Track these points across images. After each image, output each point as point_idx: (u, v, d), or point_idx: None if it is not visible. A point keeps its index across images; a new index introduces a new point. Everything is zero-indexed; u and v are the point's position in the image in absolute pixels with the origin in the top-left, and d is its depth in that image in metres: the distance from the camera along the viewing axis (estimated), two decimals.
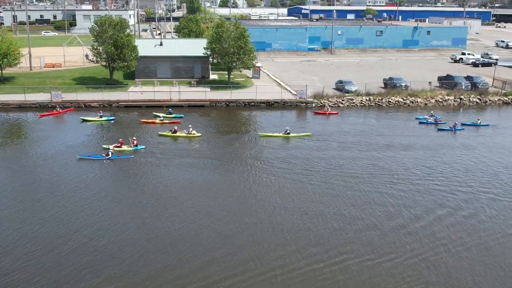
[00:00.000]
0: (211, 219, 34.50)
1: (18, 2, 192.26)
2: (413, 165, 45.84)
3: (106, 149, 47.98)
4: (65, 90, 70.51)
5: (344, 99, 70.27)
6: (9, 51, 74.40)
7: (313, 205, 36.95)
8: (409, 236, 32.50)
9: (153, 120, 59.86)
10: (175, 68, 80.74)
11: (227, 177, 42.76)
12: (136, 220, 34.31)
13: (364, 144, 51.97)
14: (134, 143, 49.35)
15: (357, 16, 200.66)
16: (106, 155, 46.42)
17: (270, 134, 54.75)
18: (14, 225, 33.55)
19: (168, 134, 54.05)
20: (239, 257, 29.76)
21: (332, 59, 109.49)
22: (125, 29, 75.94)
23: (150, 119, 60.45)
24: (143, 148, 49.33)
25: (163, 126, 57.35)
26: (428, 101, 71.38)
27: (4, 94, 69.29)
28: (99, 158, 46.28)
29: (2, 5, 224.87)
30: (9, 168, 44.62)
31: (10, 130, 57.95)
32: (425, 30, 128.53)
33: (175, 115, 61.64)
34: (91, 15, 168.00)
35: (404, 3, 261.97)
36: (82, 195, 38.46)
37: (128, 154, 47.76)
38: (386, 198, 38.27)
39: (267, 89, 72.53)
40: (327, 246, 31.20)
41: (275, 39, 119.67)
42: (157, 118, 60.37)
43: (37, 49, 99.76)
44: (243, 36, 74.25)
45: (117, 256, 29.74)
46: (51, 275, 27.72)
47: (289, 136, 54.07)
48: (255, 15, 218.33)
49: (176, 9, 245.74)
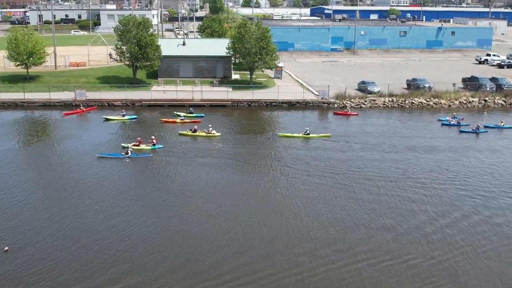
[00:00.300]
0: (235, 220, 34.62)
1: (44, 2, 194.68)
2: (436, 168, 45.40)
3: (125, 147, 48.45)
4: (89, 89, 71.37)
5: (366, 100, 69.87)
6: (35, 50, 75.47)
7: (335, 206, 36.82)
8: (433, 240, 32.23)
9: (174, 120, 60.23)
10: (198, 68, 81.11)
11: (248, 177, 42.87)
12: (162, 220, 34.55)
13: (384, 146, 51.63)
14: (153, 142, 49.72)
15: (380, 17, 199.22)
16: (125, 154, 46.84)
17: (290, 135, 54.70)
18: (40, 222, 34.10)
19: (188, 133, 54.35)
20: (264, 258, 29.85)
21: (354, 59, 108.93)
22: (148, 29, 76.53)
23: (171, 118, 60.84)
24: (161, 147, 49.67)
25: (183, 126, 57.68)
26: (452, 102, 70.58)
27: (29, 93, 70.41)
28: (118, 157, 46.73)
29: (28, 5, 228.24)
30: (36, 165, 45.33)
31: (36, 128, 58.89)
32: (450, 31, 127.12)
33: (196, 115, 61.95)
34: (115, 15, 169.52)
35: (428, 4, 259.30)
36: (107, 193, 38.90)
37: (147, 153, 48.14)
38: (408, 202, 37.97)
39: (289, 90, 72.47)
40: (349, 247, 31.10)
41: (298, 39, 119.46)
42: (177, 118, 60.74)
43: (62, 48, 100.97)
44: (266, 36, 74.27)
45: (142, 255, 30.07)
46: (75, 270, 28.14)
47: (308, 137, 53.96)
48: (278, 15, 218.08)
49: (199, 9, 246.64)
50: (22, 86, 72.45)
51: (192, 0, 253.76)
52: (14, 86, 73.51)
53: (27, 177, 42.22)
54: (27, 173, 43.15)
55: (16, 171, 43.41)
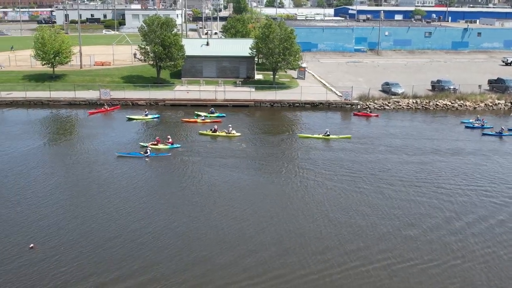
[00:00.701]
0: (260, 221, 34.69)
1: (70, 2, 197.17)
2: (460, 172, 44.84)
3: (144, 147, 48.85)
4: (114, 88, 72.11)
5: (390, 101, 69.33)
6: (61, 49, 76.52)
7: (358, 209, 36.65)
8: (462, 244, 31.89)
9: (195, 119, 60.51)
10: (221, 68, 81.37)
11: (269, 178, 42.83)
12: (185, 219, 34.75)
13: (406, 148, 51.08)
14: (170, 142, 50.08)
15: (405, 17, 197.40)
16: (144, 153, 47.24)
17: (309, 136, 54.54)
18: (66, 220, 34.59)
19: (208, 133, 54.60)
20: (286, 259, 29.86)
21: (378, 60, 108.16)
22: (172, 29, 76.99)
23: (192, 118, 61.12)
24: (179, 146, 49.91)
25: (204, 125, 57.93)
26: (477, 105, 69.61)
27: (55, 91, 71.44)
28: (137, 156, 47.13)
29: (55, 4, 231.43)
30: (62, 164, 45.94)
31: (63, 126, 59.80)
32: (476, 32, 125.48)
33: (217, 115, 62.17)
34: (140, 15, 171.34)
35: (454, 4, 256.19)
36: (131, 192, 39.27)
37: (165, 152, 48.44)
38: (431, 207, 37.61)
39: (312, 90, 72.28)
40: (372, 250, 30.95)
41: (321, 39, 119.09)
42: (198, 117, 61.00)
43: (87, 47, 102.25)
44: (290, 37, 74.14)
45: (167, 254, 30.32)
46: (100, 268, 28.48)
47: (328, 138, 53.74)
48: (302, 15, 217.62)
49: (222, 9, 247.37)
50: (48, 85, 73.54)
51: (216, 0, 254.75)
52: (41, 84, 74.67)
53: (54, 175, 42.80)
54: (54, 171, 43.76)
55: (44, 169, 44.07)
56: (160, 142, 50.08)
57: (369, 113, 64.92)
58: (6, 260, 29.17)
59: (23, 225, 33.43)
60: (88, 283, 27.19)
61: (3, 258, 29.39)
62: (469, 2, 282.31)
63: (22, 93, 70.57)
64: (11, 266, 28.56)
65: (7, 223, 33.66)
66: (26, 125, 58.54)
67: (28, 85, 74.27)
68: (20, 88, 72.46)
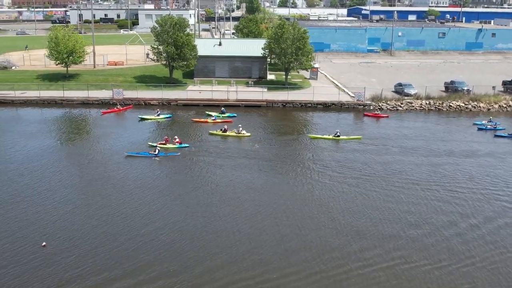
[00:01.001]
0: (272, 221, 34.72)
1: (84, 1, 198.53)
2: (474, 174, 44.53)
3: (153, 146, 49.08)
4: (126, 88, 72.45)
5: (403, 102, 68.99)
6: (74, 49, 77.02)
7: (371, 210, 36.53)
8: (471, 246, 31.68)
9: (206, 119, 60.59)
10: (233, 68, 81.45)
11: (280, 178, 42.81)
12: (200, 219, 34.82)
13: (415, 150, 50.71)
14: (178, 141, 50.29)
15: (418, 17, 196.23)
16: (154, 152, 47.42)
17: (320, 136, 54.42)
18: (79, 219, 34.83)
19: (218, 133, 54.72)
20: (297, 258, 29.87)
21: (391, 61, 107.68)
22: (185, 29, 77.15)
23: (203, 118, 61.20)
24: (187, 146, 49.99)
25: (215, 125, 58.03)
26: (491, 106, 69.05)
27: (69, 91, 71.95)
28: (146, 156, 47.33)
29: (69, 4, 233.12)
30: (75, 163, 46.22)
31: (76, 126, 60.08)
32: (490, 32, 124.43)
33: (228, 114, 62.26)
34: (153, 15, 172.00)
35: (468, 4, 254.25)
36: (145, 192, 39.37)
37: (173, 151, 48.55)
38: (442, 209, 37.41)
39: (324, 91, 72.14)
40: (383, 250, 30.84)
41: (334, 40, 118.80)
42: (209, 117, 61.08)
43: (101, 47, 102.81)
44: (303, 37, 74.01)
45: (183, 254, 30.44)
46: (112, 267, 28.65)
47: (339, 139, 53.62)
48: (314, 15, 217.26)
49: (235, 9, 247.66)
50: (61, 84, 74.10)
51: (229, 0, 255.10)
52: (54, 84, 75.24)
53: (68, 174, 43.09)
54: (68, 170, 44.05)
55: (58, 168, 44.37)
56: (169, 142, 50.29)
57: (379, 114, 64.66)
58: (22, 259, 29.48)
59: (39, 224, 33.64)
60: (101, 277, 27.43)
61: (18, 257, 29.71)
62: (483, 3, 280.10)
63: (36, 92, 71.13)
64: (26, 265, 28.84)
65: (22, 222, 33.91)
66: (40, 124, 58.97)
67: (42, 84, 74.87)
68: (34, 87, 73.06)
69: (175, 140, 50.33)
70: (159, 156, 47.27)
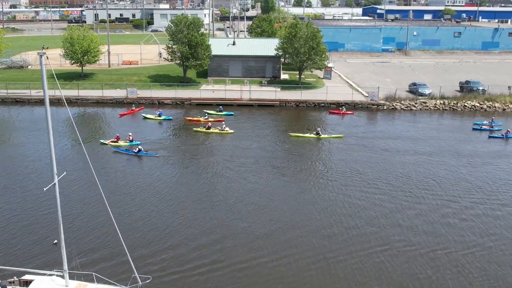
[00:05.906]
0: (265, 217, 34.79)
1: (100, 1, 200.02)
2: (465, 175, 44.21)
3: (103, 144, 50.34)
4: (140, 87, 72.90)
5: (417, 102, 68.58)
6: (89, 48, 77.61)
7: (370, 210, 36.49)
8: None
9: (198, 119, 60.38)
10: (247, 68, 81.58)
11: (282, 179, 42.89)
12: (214, 221, 35.07)
13: (421, 149, 50.40)
14: (130, 139, 51.07)
15: (434, 17, 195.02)
16: (136, 151, 47.96)
17: (301, 135, 54.67)
18: (87, 217, 35.16)
19: (202, 130, 55.98)
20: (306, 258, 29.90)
21: (406, 60, 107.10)
22: (199, 28, 77.38)
23: (196, 117, 61.02)
24: (138, 143, 49.84)
25: (202, 124, 58.49)
26: (506, 106, 68.37)
27: (84, 90, 72.55)
28: (129, 153, 48.04)
29: (85, 4, 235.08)
30: (96, 162, 46.29)
31: (95, 125, 60.10)
32: (507, 32, 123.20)
33: (225, 113, 62.69)
34: (168, 14, 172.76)
35: (485, 3, 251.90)
36: (151, 193, 39.71)
37: (153, 152, 48.37)
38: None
39: (338, 90, 71.96)
40: (391, 249, 30.74)
41: (349, 39, 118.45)
42: (201, 117, 60.82)
43: (115, 46, 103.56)
44: (316, 36, 73.87)
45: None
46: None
47: (320, 137, 53.98)
48: (329, 14, 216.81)
49: (250, 8, 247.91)
50: (76, 83, 74.73)
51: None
52: (69, 83, 75.82)
53: (82, 173, 43.53)
54: (82, 170, 44.48)
55: (76, 167, 44.73)
56: (120, 139, 51.21)
57: (345, 112, 64.79)
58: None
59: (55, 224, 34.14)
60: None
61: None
62: (500, 2, 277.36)
63: (51, 91, 71.66)
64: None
65: (38, 224, 34.34)
66: (60, 123, 59.19)
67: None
68: (49, 86, 73.31)
69: (128, 138, 51.19)
70: (140, 155, 47.69)
